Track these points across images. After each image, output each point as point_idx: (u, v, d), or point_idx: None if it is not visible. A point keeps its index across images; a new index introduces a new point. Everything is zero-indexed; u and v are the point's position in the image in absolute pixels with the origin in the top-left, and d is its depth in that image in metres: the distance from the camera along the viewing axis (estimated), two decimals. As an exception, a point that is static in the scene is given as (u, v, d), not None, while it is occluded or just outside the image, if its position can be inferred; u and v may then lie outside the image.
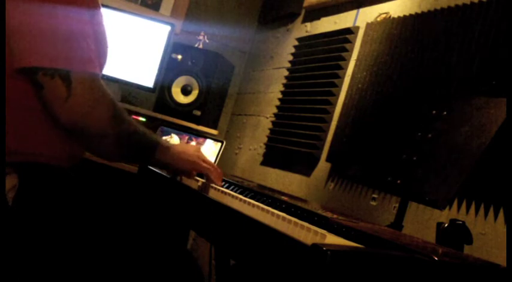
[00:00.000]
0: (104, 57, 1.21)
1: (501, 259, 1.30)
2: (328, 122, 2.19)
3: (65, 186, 1.19)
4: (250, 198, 1.15)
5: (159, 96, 2.90)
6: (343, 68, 2.21)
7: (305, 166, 2.29)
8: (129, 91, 2.95)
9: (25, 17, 1.07)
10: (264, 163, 2.69)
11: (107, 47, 1.22)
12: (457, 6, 1.68)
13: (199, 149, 1.40)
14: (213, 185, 1.30)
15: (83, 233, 1.16)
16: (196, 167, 1.35)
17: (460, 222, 1.21)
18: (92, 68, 1.13)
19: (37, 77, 1.07)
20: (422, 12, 1.84)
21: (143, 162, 1.56)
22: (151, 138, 1.28)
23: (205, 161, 1.37)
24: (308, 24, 2.71)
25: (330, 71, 2.24)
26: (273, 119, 2.63)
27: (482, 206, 1.42)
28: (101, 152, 1.23)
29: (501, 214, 1.36)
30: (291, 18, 2.89)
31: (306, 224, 0.86)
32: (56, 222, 1.13)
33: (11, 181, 1.08)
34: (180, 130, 2.63)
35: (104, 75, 1.26)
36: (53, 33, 1.08)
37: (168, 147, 1.30)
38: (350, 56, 2.21)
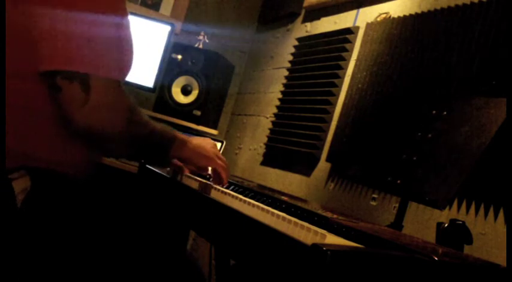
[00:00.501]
0: (128, 64, 1.20)
1: (501, 259, 1.30)
2: (328, 122, 2.19)
3: (70, 191, 1.19)
4: (250, 198, 1.15)
5: (159, 96, 2.90)
6: (343, 68, 2.21)
7: (305, 166, 2.29)
8: (129, 91, 2.93)
9: (49, 22, 1.06)
10: (264, 163, 2.69)
11: (132, 53, 1.21)
12: (457, 6, 1.68)
13: (215, 145, 1.42)
14: (214, 185, 1.31)
15: (82, 233, 1.16)
16: (212, 163, 1.37)
17: (460, 222, 1.21)
18: (112, 73, 1.12)
19: (56, 80, 1.06)
20: (422, 12, 1.84)
21: (159, 161, 1.57)
22: (167, 136, 1.28)
23: (220, 158, 1.39)
24: (308, 24, 2.71)
25: (330, 71, 2.24)
26: (273, 119, 2.63)
27: (482, 206, 1.42)
28: (113, 155, 1.23)
29: (501, 214, 1.37)
30: (291, 18, 2.89)
31: (306, 224, 0.86)
32: (57, 224, 1.13)
33: (22, 184, 1.08)
34: (180, 130, 2.63)
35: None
36: (74, 38, 1.07)
37: (185, 142, 1.32)
38: (350, 56, 2.21)
